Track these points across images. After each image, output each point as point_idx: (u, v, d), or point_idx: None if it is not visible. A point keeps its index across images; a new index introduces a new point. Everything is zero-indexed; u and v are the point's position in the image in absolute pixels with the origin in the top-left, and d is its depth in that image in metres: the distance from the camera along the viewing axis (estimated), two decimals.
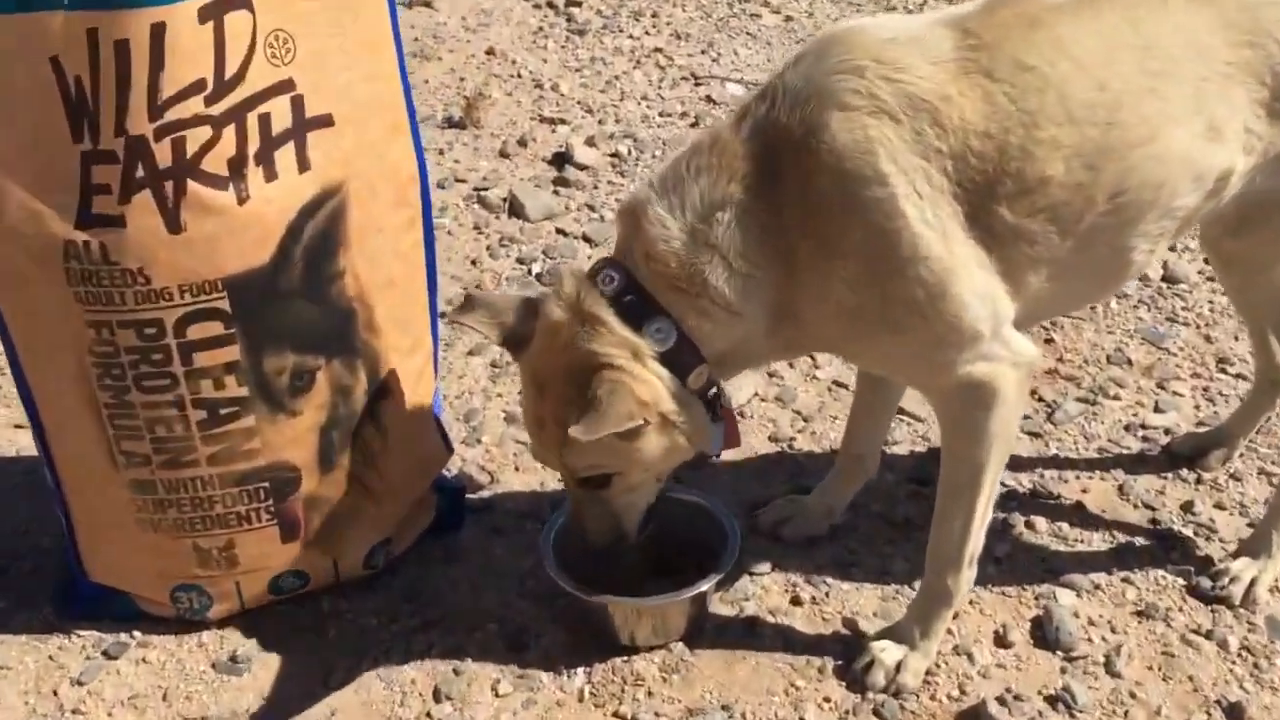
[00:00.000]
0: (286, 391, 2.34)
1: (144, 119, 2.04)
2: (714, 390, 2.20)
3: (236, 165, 2.12)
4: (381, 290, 2.40)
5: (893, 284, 2.02)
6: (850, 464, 2.80)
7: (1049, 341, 3.55)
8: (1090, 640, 2.56)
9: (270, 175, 2.16)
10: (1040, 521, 2.89)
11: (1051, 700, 2.42)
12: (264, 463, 2.39)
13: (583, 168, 4.55)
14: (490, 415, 3.30)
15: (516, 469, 3.11)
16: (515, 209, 4.26)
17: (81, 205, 2.08)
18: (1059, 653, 2.53)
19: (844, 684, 2.47)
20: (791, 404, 3.33)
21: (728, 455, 3.05)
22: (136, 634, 2.60)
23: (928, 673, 2.47)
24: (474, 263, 4.02)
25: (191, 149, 2.08)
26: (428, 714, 2.42)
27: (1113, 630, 2.59)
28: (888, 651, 2.46)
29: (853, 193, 1.98)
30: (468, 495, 2.97)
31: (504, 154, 4.69)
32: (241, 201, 2.14)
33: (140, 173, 2.06)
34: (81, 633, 2.60)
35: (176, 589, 2.52)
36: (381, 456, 2.53)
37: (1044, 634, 2.57)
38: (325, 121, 2.22)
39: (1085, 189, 2.07)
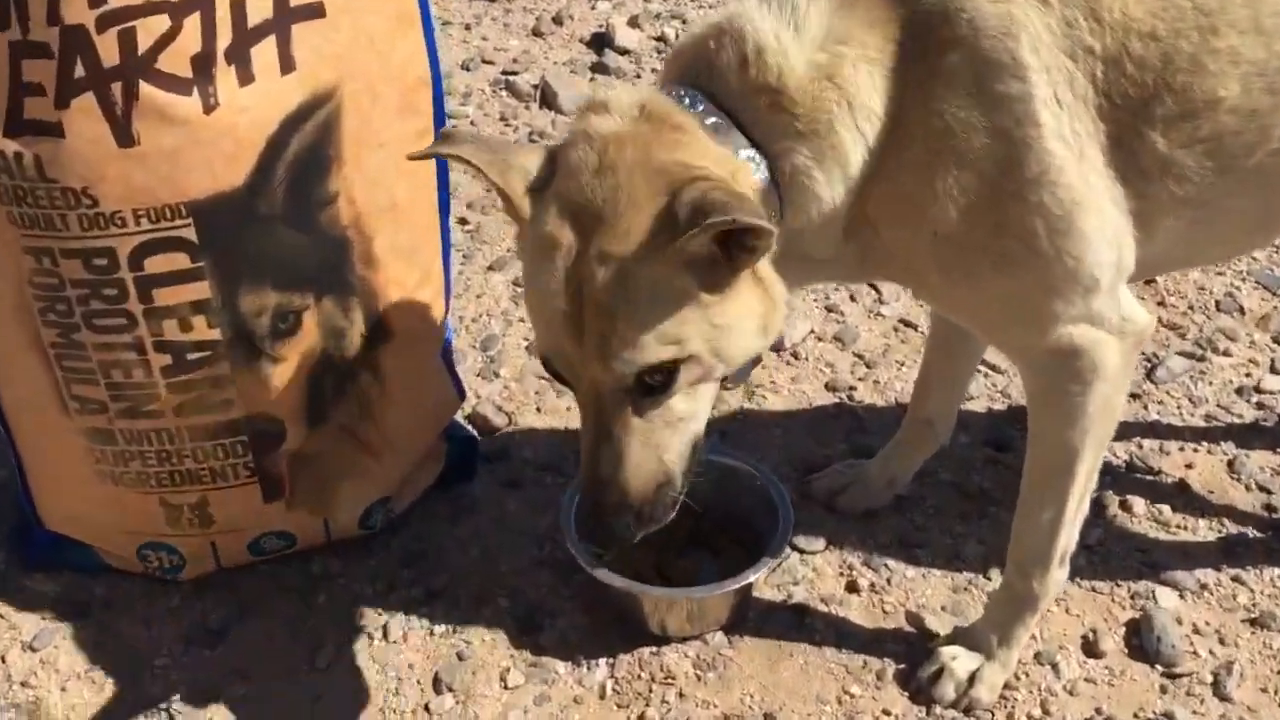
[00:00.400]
0: (267, 335, 1.97)
1: (83, 4, 1.63)
2: None
3: (202, 65, 1.73)
4: (382, 216, 2.01)
5: (1010, 208, 1.63)
6: (918, 430, 2.41)
7: (1148, 282, 3.11)
8: (1195, 654, 2.20)
9: (245, 77, 1.77)
10: (1138, 503, 2.51)
11: None
12: (241, 415, 2.03)
13: (624, 52, 4.07)
14: (510, 344, 2.92)
15: (538, 409, 2.74)
16: (547, 99, 3.81)
17: (10, 108, 1.70)
18: (1158, 667, 2.17)
19: (906, 694, 2.13)
20: (852, 345, 2.93)
21: (776, 405, 2.69)
22: (99, 591, 2.28)
23: (1006, 686, 2.12)
24: None
25: (144, 43, 1.69)
26: (425, 707, 2.10)
27: (1221, 642, 2.22)
28: (960, 660, 2.11)
29: (983, 81, 1.59)
30: (480, 439, 2.61)
31: (537, 33, 4.21)
32: (208, 110, 1.75)
33: (80, 71, 1.67)
34: (38, 587, 2.29)
35: (144, 547, 2.20)
36: (381, 407, 2.17)
37: (1141, 643, 2.21)
38: (315, 10, 1.81)
39: (1261, 118, 1.68)
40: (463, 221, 3.35)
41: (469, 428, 2.56)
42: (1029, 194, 1.61)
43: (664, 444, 1.66)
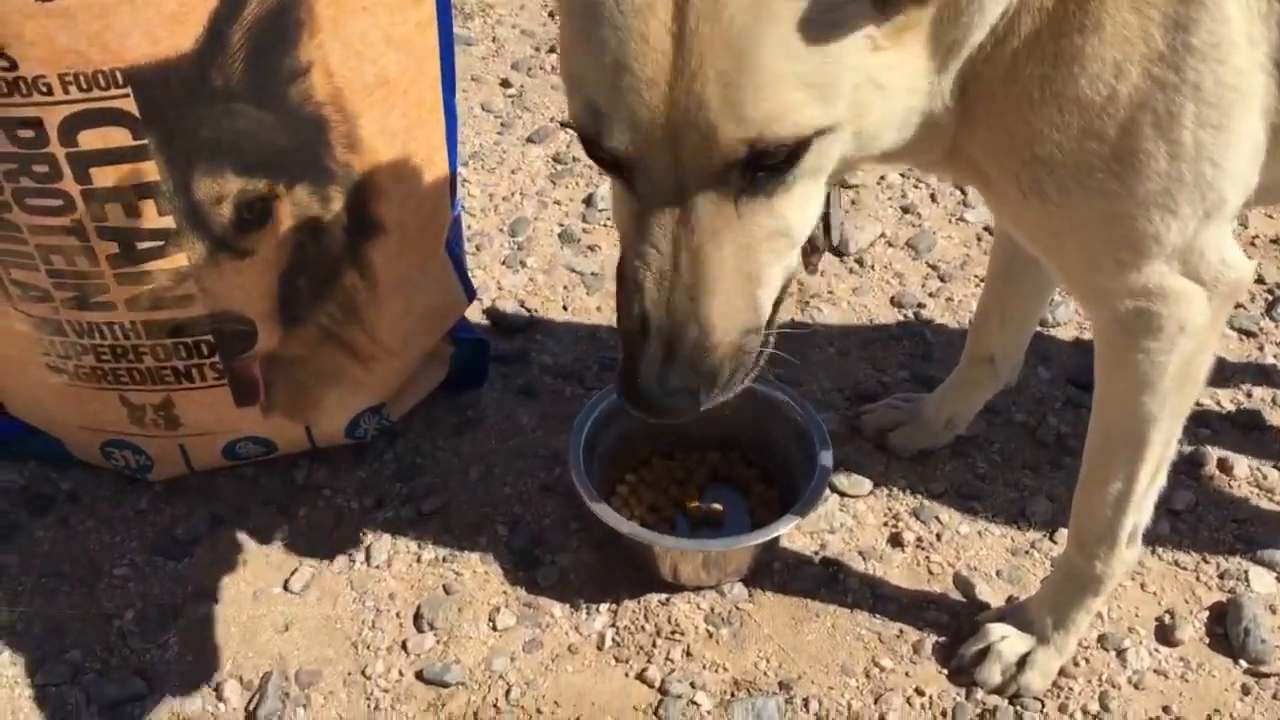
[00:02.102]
0: (230, 225, 1.70)
1: None
2: None
3: None
4: (368, 92, 1.71)
5: (1162, 83, 1.24)
6: (978, 368, 2.08)
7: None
8: None
9: None
10: (1240, 463, 2.17)
11: None
12: (204, 312, 1.78)
13: None
14: (542, 230, 2.63)
15: (564, 307, 2.46)
16: None
17: None
18: (1242, 662, 1.87)
19: (945, 671, 1.86)
20: (926, 254, 2.59)
21: (831, 318, 2.38)
22: (66, 486, 2.09)
23: (1061, 673, 1.84)
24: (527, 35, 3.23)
25: None
26: (402, 644, 1.89)
27: None
28: (1010, 641, 1.84)
29: None
30: (496, 339, 2.35)
31: None
32: None
33: None
34: (2, 475, 2.10)
35: (107, 444, 2.00)
36: (369, 309, 1.91)
37: (1226, 632, 1.91)
38: None
39: None
40: (505, 84, 3.04)
41: (478, 331, 2.28)
42: (1188, 68, 1.23)
43: (760, 269, 1.22)
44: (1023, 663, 1.83)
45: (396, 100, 1.75)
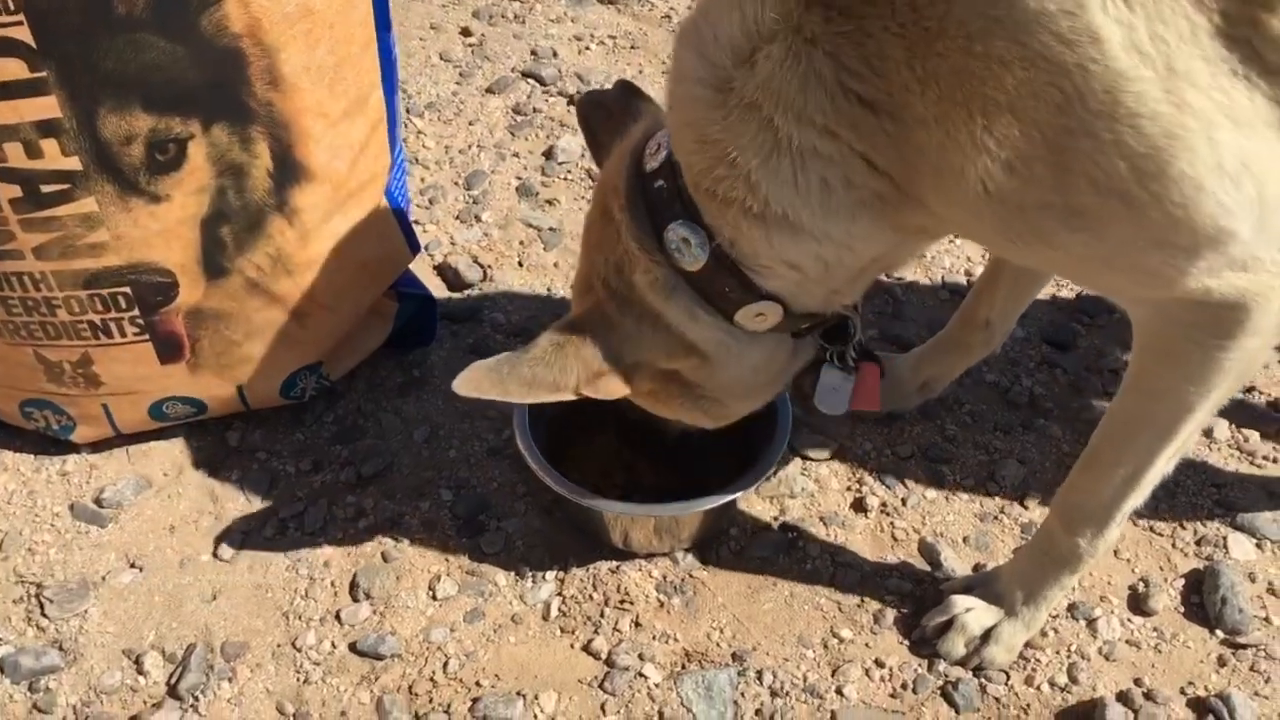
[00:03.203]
0: (142, 167, 1.59)
1: None
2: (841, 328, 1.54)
3: None
4: (290, 24, 1.59)
5: (1074, 155, 1.15)
6: (970, 331, 1.98)
7: None
8: (1268, 620, 1.80)
9: None
10: (1219, 425, 2.08)
11: (1199, 707, 1.69)
12: (119, 262, 1.67)
13: None
14: (500, 182, 2.52)
15: (520, 264, 2.36)
16: None
17: None
18: (1219, 633, 1.78)
19: (906, 643, 1.77)
20: None
21: None
22: None
23: (1028, 645, 1.75)
24: None
25: None
26: (336, 615, 1.79)
27: None
28: (975, 614, 1.74)
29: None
30: (448, 297, 2.24)
31: None
32: None
33: None
34: None
35: (26, 404, 1.89)
36: (300, 261, 1.80)
37: (1202, 601, 1.82)
38: None
39: None
40: (465, 33, 2.92)
41: (425, 286, 2.17)
42: (1100, 131, 1.13)
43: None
44: (987, 636, 1.74)
45: (322, 34, 1.63)
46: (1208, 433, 2.07)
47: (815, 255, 1.36)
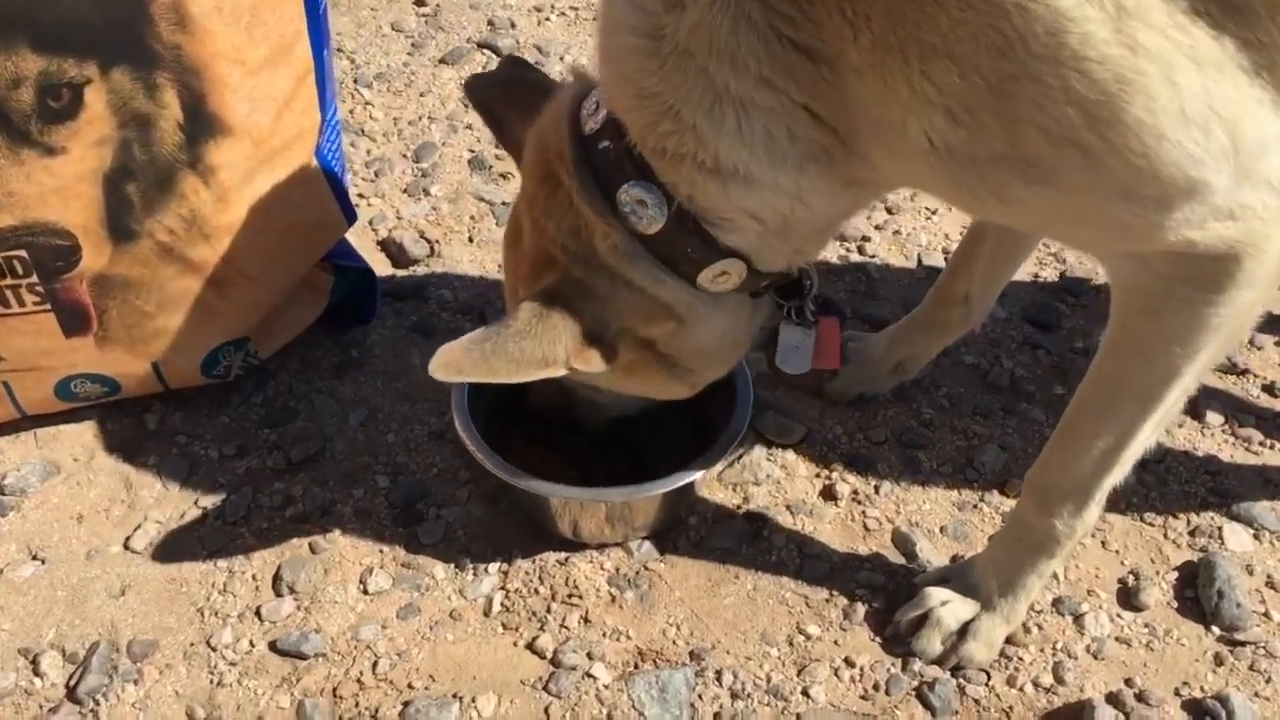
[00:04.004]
0: (33, 115, 1.44)
1: None
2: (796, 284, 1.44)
3: None
4: None
5: (1022, 101, 1.03)
6: (948, 308, 1.84)
7: None
8: (1267, 616, 1.67)
9: None
10: (1212, 412, 1.95)
11: (1195, 709, 1.55)
12: (13, 222, 1.52)
13: None
14: (450, 155, 2.37)
15: (470, 239, 2.21)
16: None
17: None
18: (1215, 629, 1.65)
19: (879, 640, 1.62)
20: None
21: None
22: None
23: (1010, 641, 1.61)
24: None
25: None
26: (256, 611, 1.63)
27: None
28: (951, 607, 1.60)
29: None
30: (394, 274, 2.09)
31: None
32: None
33: None
34: None
35: None
36: (219, 225, 1.65)
37: (1197, 596, 1.69)
38: None
39: None
40: (419, 3, 2.78)
41: (364, 260, 2.02)
42: (1045, 76, 1.01)
43: (573, 396, 1.61)
44: (965, 631, 1.60)
45: None
46: (1199, 418, 1.93)
47: (772, 207, 1.25)
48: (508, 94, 1.49)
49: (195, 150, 1.56)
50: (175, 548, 1.70)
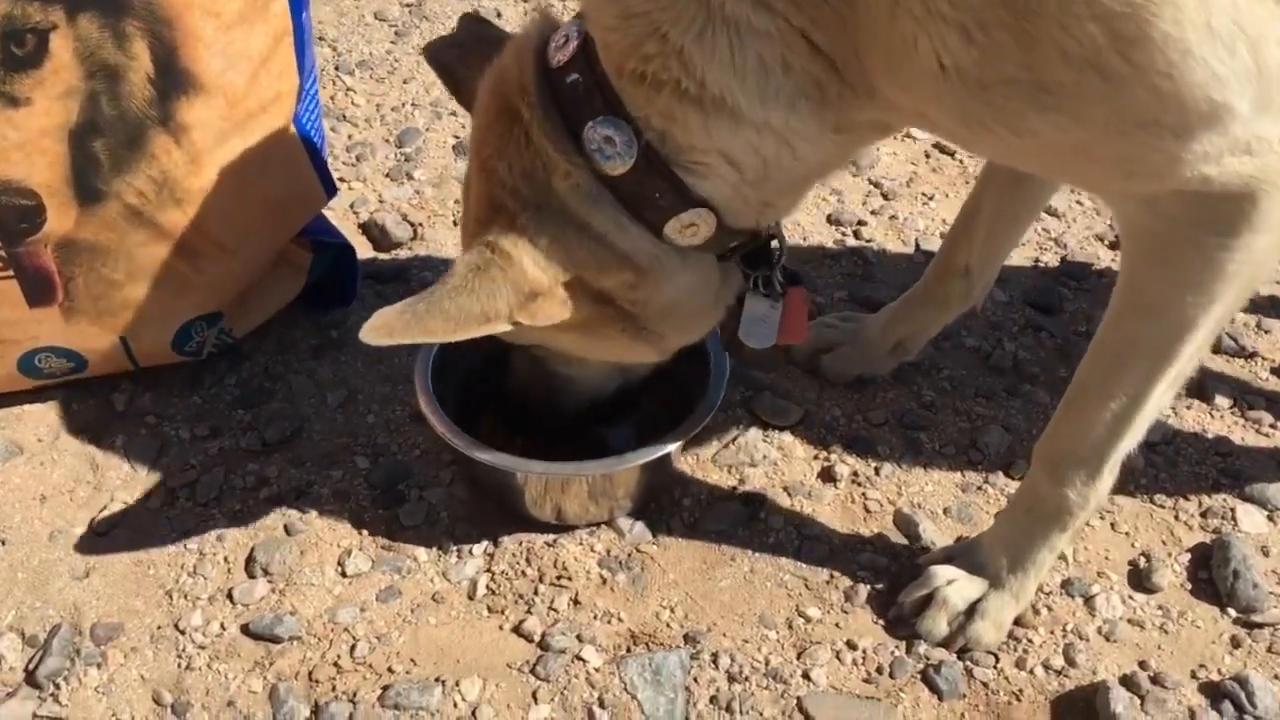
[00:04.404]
0: None
1: None
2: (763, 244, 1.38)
3: None
4: None
5: (1042, 18, 0.97)
6: (948, 282, 1.77)
7: None
8: None
9: None
10: (1222, 391, 1.89)
11: (1212, 692, 1.48)
12: None
13: None
14: (434, 140, 2.32)
15: (455, 223, 2.15)
16: None
17: None
18: (1231, 611, 1.58)
19: (881, 623, 1.55)
20: (868, 170, 2.30)
21: None
22: None
23: (1018, 623, 1.54)
24: None
25: None
26: (228, 593, 1.55)
27: None
28: (958, 586, 1.53)
29: None
30: (376, 257, 2.02)
31: None
32: None
33: None
34: None
35: None
36: (192, 189, 1.58)
37: (1211, 577, 1.62)
38: None
39: None
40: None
41: (344, 236, 1.95)
42: None
43: (547, 375, 1.56)
44: (973, 612, 1.52)
45: None
46: (1208, 400, 1.87)
47: (754, 149, 1.18)
48: (466, 54, 1.42)
49: (166, 107, 1.50)
50: (143, 529, 1.62)
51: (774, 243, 1.40)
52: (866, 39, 1.06)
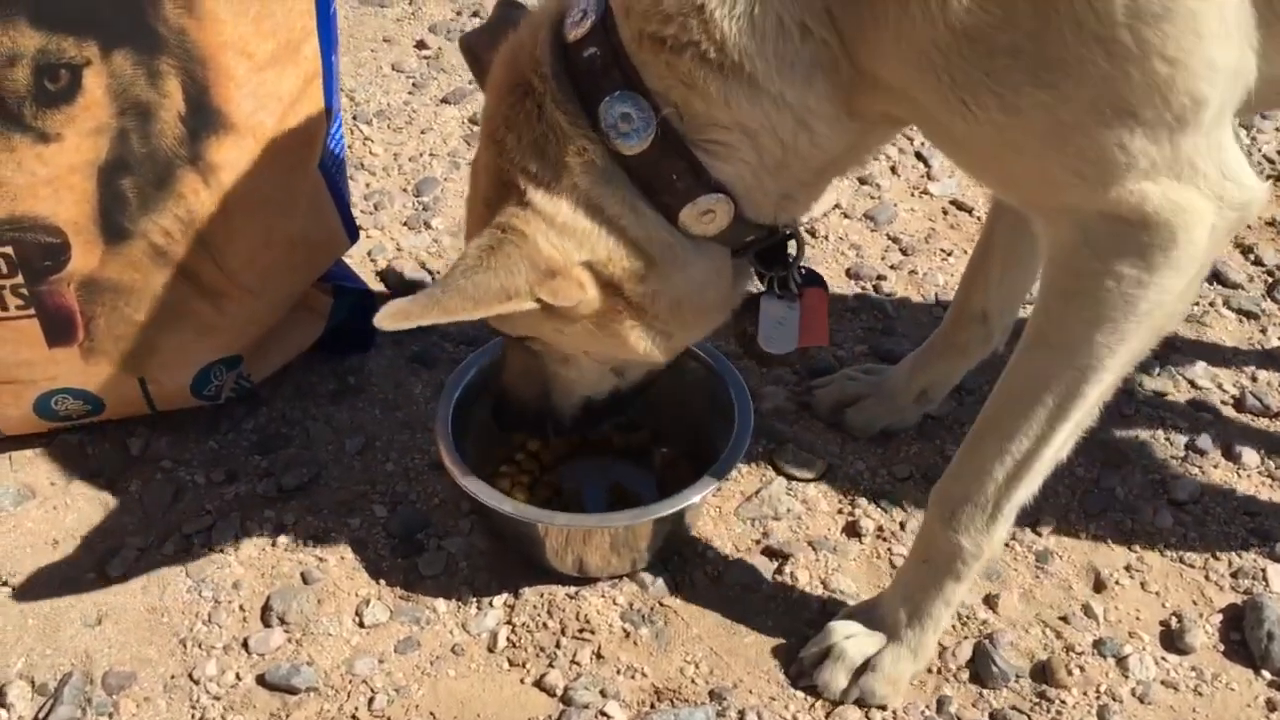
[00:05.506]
0: (27, 96, 1.36)
1: None
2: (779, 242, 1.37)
3: None
4: None
5: None
6: (966, 327, 1.76)
7: (1277, 179, 2.44)
8: None
9: None
10: (1248, 453, 1.87)
11: None
12: (1, 216, 1.43)
13: None
14: (451, 190, 2.31)
15: None
16: None
17: None
18: (1265, 673, 1.55)
19: (914, 682, 1.51)
20: (887, 226, 2.30)
21: None
22: None
23: (1051, 682, 1.51)
24: None
25: None
26: (243, 642, 1.52)
27: None
28: (856, 641, 1.50)
29: None
30: (392, 299, 2.00)
31: None
32: None
33: None
34: None
35: None
36: (218, 229, 1.56)
37: (1244, 638, 1.59)
38: None
39: None
40: (420, 45, 2.74)
41: (364, 282, 1.93)
42: None
43: (546, 381, 1.56)
44: (866, 665, 1.49)
45: None
46: (1236, 459, 1.85)
47: (772, 128, 1.17)
48: (494, 37, 1.37)
49: (196, 146, 1.49)
50: (156, 575, 1.59)
51: (791, 243, 1.39)
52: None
